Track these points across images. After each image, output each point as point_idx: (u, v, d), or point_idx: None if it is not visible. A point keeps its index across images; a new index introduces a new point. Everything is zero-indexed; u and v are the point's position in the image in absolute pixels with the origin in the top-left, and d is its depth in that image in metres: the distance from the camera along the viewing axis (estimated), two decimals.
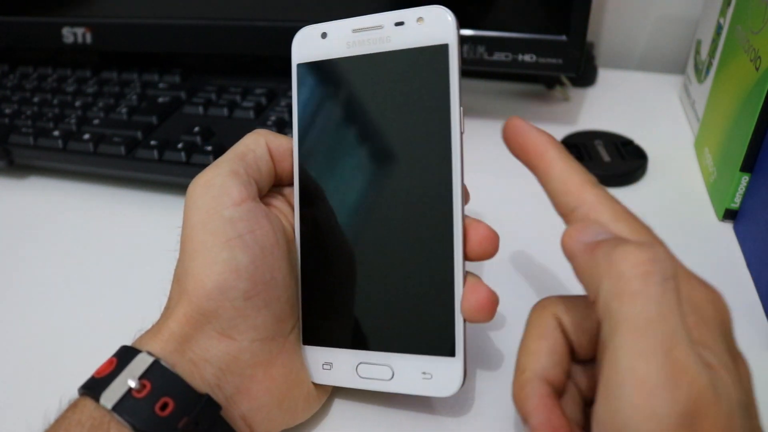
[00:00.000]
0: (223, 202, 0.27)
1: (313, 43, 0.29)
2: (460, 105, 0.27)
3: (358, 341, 0.29)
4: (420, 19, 0.27)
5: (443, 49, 0.27)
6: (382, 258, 0.28)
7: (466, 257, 0.27)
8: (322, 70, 0.29)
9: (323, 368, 0.29)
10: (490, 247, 0.27)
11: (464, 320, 0.27)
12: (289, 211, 0.31)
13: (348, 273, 0.29)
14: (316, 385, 0.30)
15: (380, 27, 0.28)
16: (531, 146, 0.26)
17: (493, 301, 0.27)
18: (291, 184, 0.31)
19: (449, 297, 0.27)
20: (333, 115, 0.29)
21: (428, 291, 0.28)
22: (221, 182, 0.28)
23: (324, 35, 0.29)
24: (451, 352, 0.27)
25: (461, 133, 0.27)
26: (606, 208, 0.24)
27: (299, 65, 0.30)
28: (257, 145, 0.30)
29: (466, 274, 0.28)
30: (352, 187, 0.29)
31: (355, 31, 0.29)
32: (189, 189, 0.28)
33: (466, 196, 0.28)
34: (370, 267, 0.29)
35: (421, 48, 0.27)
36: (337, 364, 0.29)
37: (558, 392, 0.25)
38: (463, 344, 0.27)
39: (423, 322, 0.28)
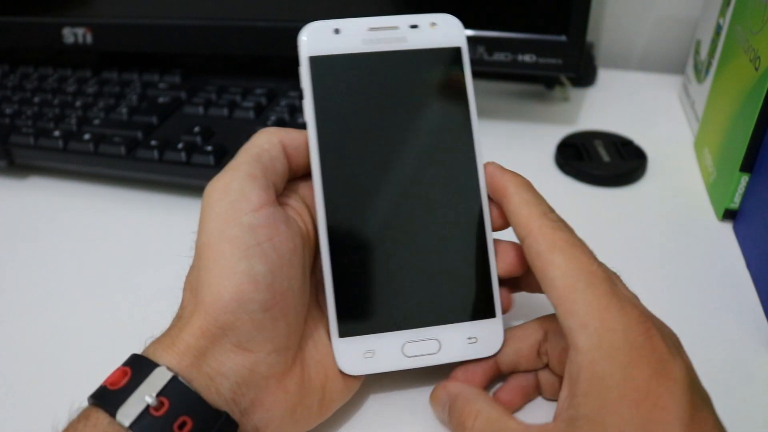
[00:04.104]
0: (241, 207, 0.26)
1: (326, 38, 0.30)
2: (474, 98, 0.31)
3: (402, 321, 0.29)
4: (433, 24, 0.30)
5: (457, 51, 0.31)
6: (417, 237, 0.30)
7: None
8: (338, 64, 0.30)
9: (365, 357, 0.29)
10: (505, 222, 0.30)
11: (497, 280, 0.30)
12: (301, 207, 0.30)
13: (384, 257, 0.29)
14: (329, 391, 0.29)
15: (396, 27, 0.30)
16: (496, 185, 0.29)
17: (523, 255, 0.29)
18: (303, 177, 0.31)
19: (485, 263, 0.30)
20: (354, 105, 0.30)
21: (466, 260, 0.30)
22: (239, 186, 0.27)
23: (337, 31, 0.30)
24: (492, 314, 0.30)
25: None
26: (545, 238, 0.26)
27: (312, 57, 0.30)
28: (271, 145, 0.29)
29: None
30: (379, 176, 0.30)
31: (371, 29, 0.30)
32: (206, 192, 0.28)
33: None
34: (406, 248, 0.30)
35: (436, 49, 0.30)
36: (380, 350, 0.29)
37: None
38: (500, 304, 0.30)
39: (463, 290, 0.30)
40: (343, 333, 0.29)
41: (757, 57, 0.39)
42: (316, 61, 0.30)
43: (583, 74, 0.62)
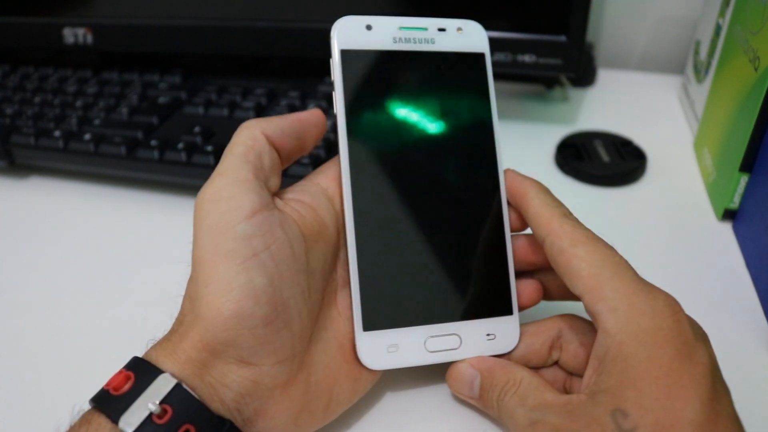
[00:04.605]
0: (234, 216, 0.25)
1: (358, 33, 0.31)
2: (496, 103, 0.32)
3: (425, 316, 0.30)
4: (459, 29, 0.32)
5: (481, 56, 0.32)
6: (440, 236, 0.30)
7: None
8: (368, 59, 0.31)
9: (388, 352, 0.29)
10: (524, 224, 0.31)
11: (514, 278, 0.31)
12: (323, 201, 0.30)
13: (409, 253, 0.30)
14: (336, 394, 0.28)
15: (425, 29, 0.31)
16: (515, 189, 0.30)
17: (536, 243, 0.30)
18: (324, 169, 0.31)
19: (504, 260, 0.31)
20: (382, 101, 0.31)
21: (486, 259, 0.31)
22: (230, 194, 0.26)
23: (369, 27, 0.31)
24: (509, 311, 0.31)
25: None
26: (567, 234, 0.27)
27: (344, 51, 0.30)
28: (255, 140, 0.28)
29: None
30: (404, 172, 0.30)
31: (402, 28, 0.31)
32: (196, 204, 0.27)
33: None
34: (430, 245, 0.30)
35: (462, 53, 0.32)
36: (403, 344, 0.29)
37: None
38: (516, 302, 0.31)
39: (483, 288, 0.30)
40: (368, 326, 0.29)
41: (757, 57, 0.39)
42: (347, 55, 0.30)
43: (583, 74, 0.62)
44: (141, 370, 0.24)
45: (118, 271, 0.41)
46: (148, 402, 0.23)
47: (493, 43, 0.50)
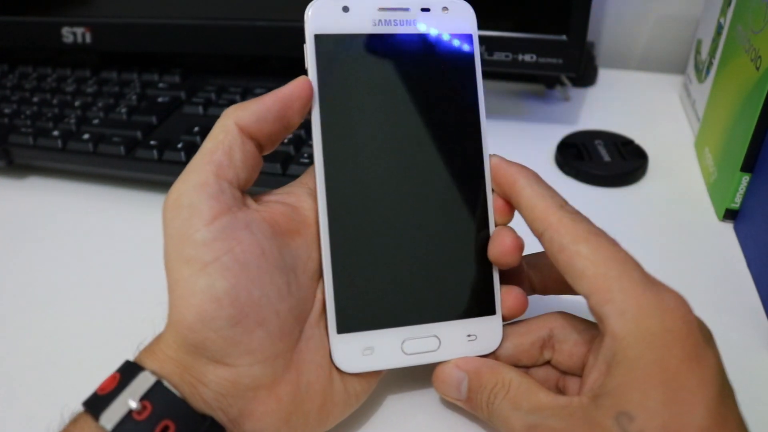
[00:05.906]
0: (193, 224, 0.25)
1: (334, 16, 0.29)
2: (483, 87, 0.30)
3: (401, 318, 0.29)
4: (445, 8, 0.30)
5: (468, 38, 0.30)
6: (419, 231, 0.29)
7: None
8: (346, 44, 0.29)
9: (364, 354, 0.28)
10: (510, 215, 0.30)
11: (498, 275, 0.29)
12: (307, 200, 0.29)
13: (385, 251, 0.28)
14: (330, 396, 0.28)
15: (407, 9, 0.29)
16: (503, 178, 0.29)
17: (519, 245, 0.28)
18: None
19: (486, 258, 0.29)
20: (360, 89, 0.29)
21: (468, 256, 0.29)
22: (189, 201, 0.26)
23: (346, 9, 0.29)
24: (492, 311, 0.29)
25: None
26: (567, 230, 0.26)
27: (318, 36, 0.28)
28: (226, 133, 0.27)
29: None
30: (382, 165, 0.29)
31: (381, 9, 0.29)
32: (162, 209, 0.27)
33: None
34: (407, 242, 0.29)
35: (448, 34, 0.30)
36: (379, 347, 0.28)
37: None
38: (500, 301, 0.30)
39: (463, 286, 0.29)
40: (342, 329, 0.28)
41: (758, 56, 0.39)
42: (321, 40, 0.28)
43: (584, 74, 0.62)
44: (126, 371, 0.25)
45: (116, 271, 0.41)
46: (128, 399, 0.24)
47: (494, 43, 0.50)
